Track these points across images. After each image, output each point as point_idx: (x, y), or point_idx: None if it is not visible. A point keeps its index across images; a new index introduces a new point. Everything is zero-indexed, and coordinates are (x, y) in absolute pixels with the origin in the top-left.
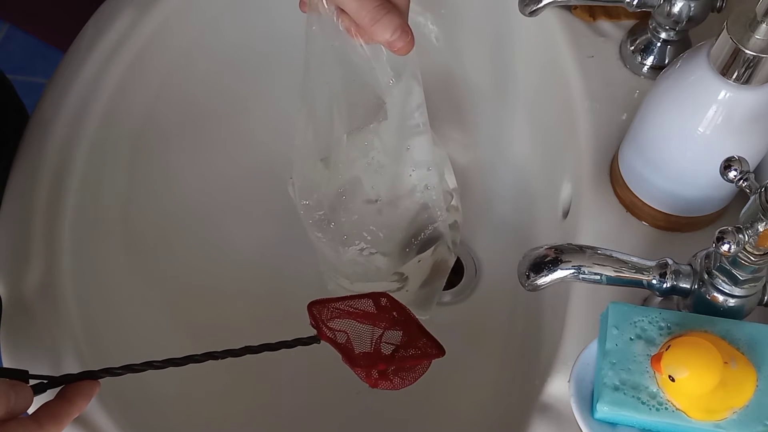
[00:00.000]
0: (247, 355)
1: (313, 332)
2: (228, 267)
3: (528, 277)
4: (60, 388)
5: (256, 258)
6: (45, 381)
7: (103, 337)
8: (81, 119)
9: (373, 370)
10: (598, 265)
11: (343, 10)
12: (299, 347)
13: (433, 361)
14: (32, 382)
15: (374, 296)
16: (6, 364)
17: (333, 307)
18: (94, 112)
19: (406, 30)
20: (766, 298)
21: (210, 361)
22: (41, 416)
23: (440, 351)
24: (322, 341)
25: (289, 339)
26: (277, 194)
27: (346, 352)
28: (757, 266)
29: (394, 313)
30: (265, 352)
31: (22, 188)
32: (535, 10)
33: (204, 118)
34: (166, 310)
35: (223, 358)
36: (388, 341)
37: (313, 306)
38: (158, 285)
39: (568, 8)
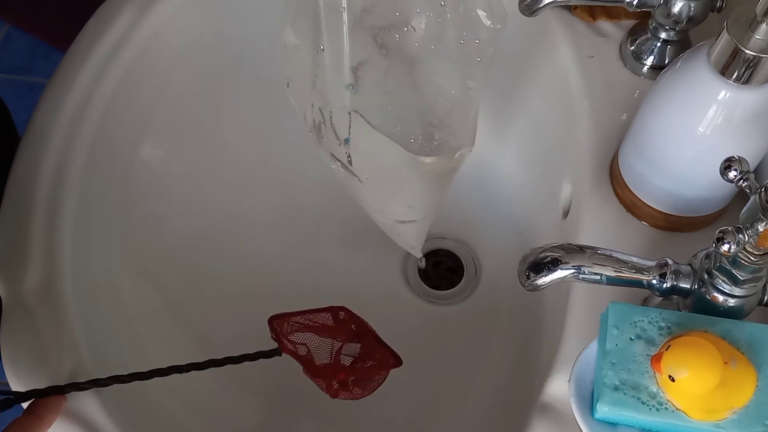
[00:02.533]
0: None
1: (275, 345)
2: (229, 266)
3: (528, 277)
4: (29, 402)
5: (257, 257)
6: (11, 396)
7: (102, 338)
8: (81, 119)
9: (333, 381)
10: (598, 265)
11: None
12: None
13: (391, 371)
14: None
15: (333, 310)
16: (6, 365)
17: (293, 321)
18: (95, 112)
19: None
20: (766, 298)
21: (176, 373)
22: None
23: (397, 361)
24: (283, 354)
25: (251, 352)
26: (278, 192)
27: (307, 363)
28: (757, 266)
29: (353, 326)
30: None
31: (22, 188)
32: (535, 10)
33: (205, 118)
34: (165, 309)
35: (187, 371)
36: (347, 353)
37: (273, 320)
38: (158, 284)
39: (568, 8)
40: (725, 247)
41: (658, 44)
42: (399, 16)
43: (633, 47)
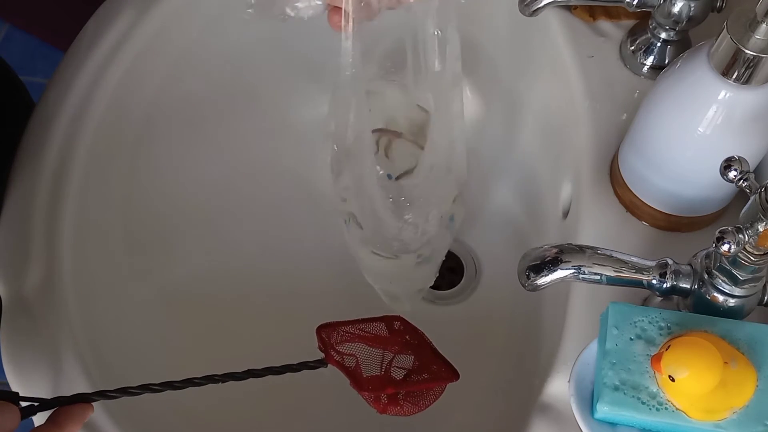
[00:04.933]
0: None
1: (320, 355)
2: (229, 268)
3: (528, 277)
4: (52, 410)
5: (258, 259)
6: (36, 404)
7: (103, 338)
8: (81, 119)
9: (382, 395)
10: (598, 265)
11: None
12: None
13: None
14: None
15: (387, 319)
16: (6, 365)
17: (343, 331)
18: (95, 113)
19: None
20: (766, 298)
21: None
22: None
23: (454, 375)
24: (329, 365)
25: (295, 363)
26: (277, 192)
27: (354, 376)
28: (757, 266)
29: (407, 337)
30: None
31: (23, 188)
32: (535, 10)
33: (204, 119)
34: (166, 310)
35: (224, 381)
36: (400, 365)
37: (322, 330)
38: (158, 285)
39: (568, 8)
40: (725, 247)
41: (658, 44)
42: None
43: (633, 47)
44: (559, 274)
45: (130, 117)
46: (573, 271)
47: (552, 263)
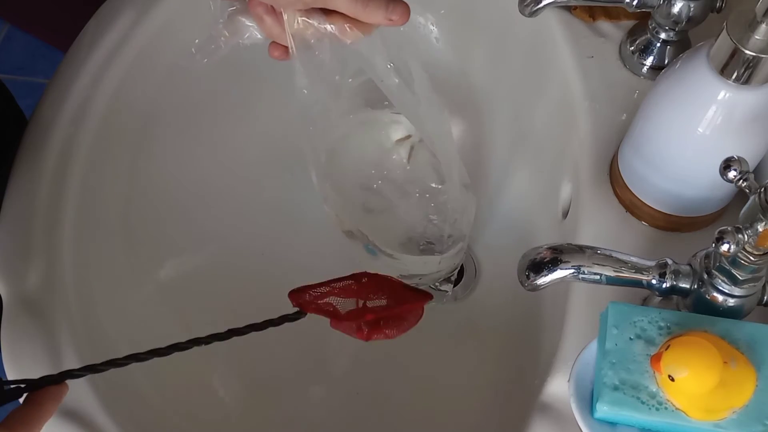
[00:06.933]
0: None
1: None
2: (230, 266)
3: (528, 277)
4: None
5: (260, 257)
6: (22, 385)
7: (104, 336)
8: (82, 119)
9: (362, 323)
10: (598, 265)
11: (328, 14)
12: (287, 324)
13: (425, 307)
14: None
15: (356, 276)
16: (6, 364)
17: (316, 292)
18: (95, 112)
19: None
20: (765, 297)
21: (196, 347)
22: (11, 422)
23: (427, 296)
24: (308, 314)
25: (275, 317)
26: (275, 192)
27: (333, 314)
28: (757, 266)
29: (377, 285)
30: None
31: (23, 188)
32: (535, 11)
33: (204, 118)
34: (166, 308)
35: (208, 343)
36: (375, 306)
37: (293, 294)
38: (159, 283)
39: (568, 8)
40: (725, 247)
41: (658, 44)
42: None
43: (633, 48)
44: (559, 274)
45: (130, 117)
46: (573, 271)
47: (552, 263)
